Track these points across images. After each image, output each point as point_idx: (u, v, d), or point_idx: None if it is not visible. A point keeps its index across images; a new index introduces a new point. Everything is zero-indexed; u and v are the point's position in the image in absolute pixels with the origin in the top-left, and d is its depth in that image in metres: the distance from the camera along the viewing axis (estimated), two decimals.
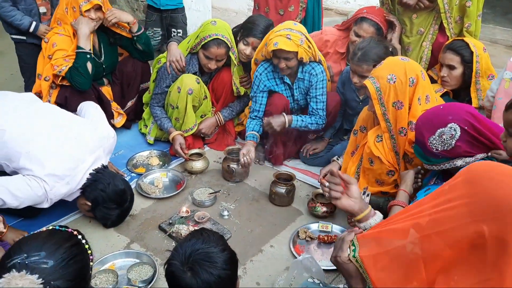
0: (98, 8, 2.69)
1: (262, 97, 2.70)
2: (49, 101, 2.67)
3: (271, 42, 2.45)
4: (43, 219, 2.27)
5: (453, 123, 1.65)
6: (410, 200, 1.92)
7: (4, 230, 1.95)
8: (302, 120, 2.63)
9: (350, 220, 2.30)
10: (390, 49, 2.40)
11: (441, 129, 1.68)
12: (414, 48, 2.77)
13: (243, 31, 2.84)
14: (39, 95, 2.70)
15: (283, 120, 2.59)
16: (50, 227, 1.23)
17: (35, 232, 1.22)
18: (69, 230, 1.23)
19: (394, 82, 1.93)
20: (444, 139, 1.67)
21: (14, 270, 1.05)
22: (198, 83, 2.73)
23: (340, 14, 4.81)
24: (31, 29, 2.70)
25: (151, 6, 3.29)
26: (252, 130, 2.69)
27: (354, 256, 1.16)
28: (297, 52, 2.45)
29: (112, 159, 2.79)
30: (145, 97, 3.00)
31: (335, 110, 2.71)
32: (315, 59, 2.58)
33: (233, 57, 2.72)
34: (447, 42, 2.49)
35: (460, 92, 2.45)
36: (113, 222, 2.18)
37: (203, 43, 2.63)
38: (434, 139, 1.70)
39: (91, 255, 1.24)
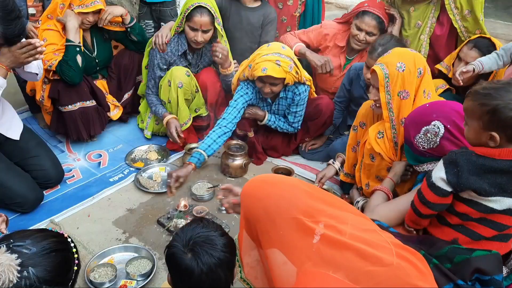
0: (97, 11, 2.66)
1: (239, 112, 2.55)
2: (42, 96, 2.66)
3: (258, 67, 2.35)
4: (40, 214, 2.28)
5: (436, 121, 1.65)
6: (395, 190, 1.95)
7: (5, 232, 1.94)
8: (274, 121, 2.65)
9: None
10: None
11: (425, 127, 1.68)
12: (412, 41, 2.76)
13: None
14: (33, 91, 2.70)
15: (262, 115, 2.61)
16: (43, 227, 1.26)
17: (29, 229, 1.26)
18: (61, 231, 1.27)
19: (403, 70, 1.91)
20: (429, 137, 1.67)
21: None
22: (188, 75, 2.70)
23: (340, 8, 4.80)
24: None
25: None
26: (204, 150, 2.39)
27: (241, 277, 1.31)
28: (284, 78, 2.40)
29: (110, 154, 2.80)
30: (141, 89, 2.97)
31: (330, 120, 2.69)
32: (300, 81, 2.50)
33: (219, 27, 2.66)
34: (471, 38, 2.42)
35: (467, 89, 2.42)
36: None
37: (186, 14, 2.59)
38: (419, 137, 1.70)
39: (77, 259, 1.25)
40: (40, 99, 2.66)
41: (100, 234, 2.17)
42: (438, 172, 1.49)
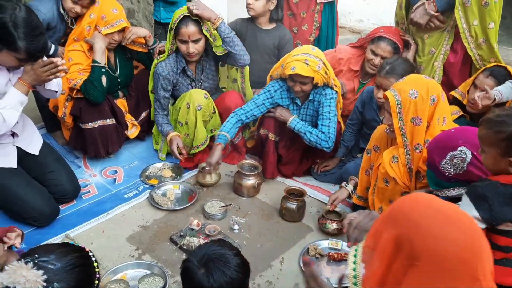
0: (121, 30, 2.75)
1: (260, 110, 2.68)
2: (64, 113, 2.73)
3: (288, 66, 2.47)
4: (56, 228, 2.32)
5: (463, 147, 1.65)
6: None
7: (19, 246, 1.96)
8: (303, 125, 2.59)
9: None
10: (415, 70, 2.42)
11: (451, 152, 1.67)
12: (425, 68, 2.79)
13: None
14: (56, 107, 2.78)
15: (287, 117, 2.61)
16: (66, 241, 1.29)
17: (47, 242, 1.29)
18: (82, 246, 1.32)
19: (415, 97, 1.94)
20: (456, 162, 1.67)
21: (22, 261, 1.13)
22: (206, 98, 2.76)
23: (353, 32, 4.86)
24: (51, 52, 2.81)
25: (155, 20, 3.41)
26: (227, 132, 2.59)
27: None
28: (313, 78, 2.48)
29: (126, 170, 2.85)
30: (153, 114, 3.02)
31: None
32: (328, 84, 2.58)
33: (207, 34, 2.67)
34: (488, 66, 2.46)
35: (481, 116, 2.43)
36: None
37: (173, 29, 2.64)
38: (445, 163, 1.69)
39: (98, 273, 1.28)
40: (62, 116, 2.74)
41: (114, 250, 2.19)
42: (469, 211, 1.44)
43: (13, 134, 2.31)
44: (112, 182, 2.74)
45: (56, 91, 2.34)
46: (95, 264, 1.28)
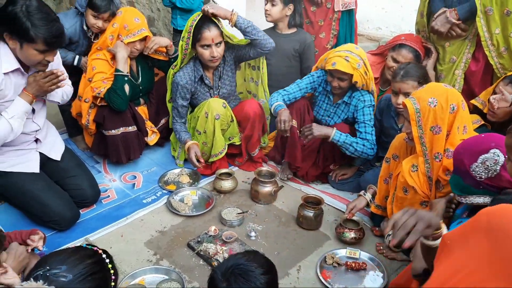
0: (143, 39, 2.80)
1: (301, 93, 2.77)
2: (88, 120, 2.79)
3: (329, 61, 2.52)
4: (76, 232, 2.36)
5: (495, 149, 1.62)
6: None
7: (42, 249, 2.01)
8: (347, 137, 2.57)
9: (379, 248, 2.28)
10: (436, 77, 2.44)
11: (484, 155, 1.64)
12: (446, 76, 2.76)
13: None
14: (80, 114, 2.84)
15: (329, 132, 2.56)
16: (78, 244, 1.27)
17: (63, 247, 1.26)
18: (95, 248, 1.27)
19: (434, 106, 1.93)
20: (488, 165, 1.63)
21: (32, 280, 1.10)
22: (225, 107, 2.77)
23: (371, 40, 4.84)
24: (75, 63, 2.89)
25: (173, 27, 3.46)
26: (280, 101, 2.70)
27: None
28: (352, 75, 2.49)
29: (145, 176, 2.89)
30: (171, 122, 3.05)
31: None
32: (368, 88, 2.59)
33: (225, 31, 2.68)
34: (508, 74, 2.43)
35: (502, 125, 2.39)
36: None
37: (191, 36, 2.63)
38: (477, 166, 1.65)
39: (114, 275, 1.26)
40: (86, 123, 2.80)
41: (132, 254, 2.22)
42: None
43: (36, 140, 2.38)
44: (131, 187, 2.78)
45: (59, 102, 2.44)
46: (110, 266, 1.26)
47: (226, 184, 2.70)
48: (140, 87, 2.98)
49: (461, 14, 2.53)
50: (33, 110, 2.28)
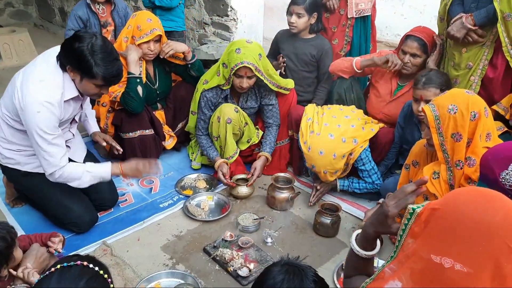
0: (158, 40, 2.84)
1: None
2: (106, 124, 2.83)
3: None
4: (94, 235, 2.38)
5: None
6: None
7: (61, 251, 2.04)
8: (349, 185, 2.69)
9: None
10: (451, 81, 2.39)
11: None
12: (461, 81, 2.70)
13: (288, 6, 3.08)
14: (98, 118, 2.88)
15: (330, 184, 2.67)
16: (58, 266, 1.15)
17: (46, 274, 1.14)
18: (78, 263, 1.16)
19: (454, 113, 1.89)
20: None
21: None
22: (237, 111, 2.77)
23: (390, 46, 4.81)
24: None
25: None
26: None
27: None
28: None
29: (162, 180, 2.91)
30: (188, 127, 3.06)
31: (387, 148, 2.69)
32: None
33: (259, 74, 2.67)
34: None
35: None
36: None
37: (233, 72, 2.64)
38: (507, 174, 1.60)
39: (109, 277, 1.19)
40: (104, 127, 2.84)
41: (149, 258, 2.23)
42: None
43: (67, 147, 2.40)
44: (148, 191, 2.80)
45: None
46: (101, 272, 1.17)
47: (243, 190, 2.69)
48: (158, 92, 3.01)
49: (478, 20, 2.48)
50: (74, 121, 2.38)
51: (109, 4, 3.45)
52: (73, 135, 2.43)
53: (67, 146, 2.38)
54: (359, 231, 1.35)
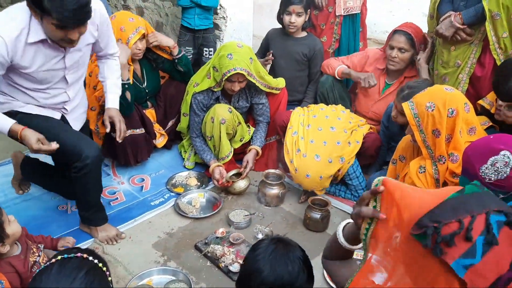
0: (142, 37, 2.80)
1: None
2: (97, 125, 2.80)
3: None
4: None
5: (506, 151, 1.60)
6: None
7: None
8: (335, 193, 2.75)
9: None
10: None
11: (493, 157, 1.61)
12: (450, 79, 2.75)
13: (282, 5, 3.07)
14: (88, 121, 2.84)
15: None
16: (59, 257, 1.17)
17: (46, 265, 1.16)
18: (78, 255, 1.17)
19: (432, 110, 1.93)
20: (498, 167, 1.61)
21: None
22: (230, 112, 2.78)
23: (379, 43, 4.84)
24: None
25: (185, 26, 3.45)
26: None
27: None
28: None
29: (153, 178, 2.91)
30: (179, 127, 3.07)
31: (376, 154, 2.73)
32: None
33: (251, 78, 2.69)
34: None
35: (511, 126, 2.37)
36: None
37: (224, 78, 2.65)
38: (486, 168, 1.63)
39: (107, 270, 1.21)
40: (95, 128, 2.82)
41: (140, 256, 2.24)
42: None
43: (63, 108, 2.26)
44: (139, 189, 2.80)
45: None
46: (100, 264, 1.19)
47: (240, 184, 2.71)
48: (146, 90, 3.01)
49: (466, 18, 2.52)
50: (66, 81, 2.13)
51: None
52: (69, 98, 2.21)
53: (64, 108, 2.24)
54: (349, 221, 1.35)
